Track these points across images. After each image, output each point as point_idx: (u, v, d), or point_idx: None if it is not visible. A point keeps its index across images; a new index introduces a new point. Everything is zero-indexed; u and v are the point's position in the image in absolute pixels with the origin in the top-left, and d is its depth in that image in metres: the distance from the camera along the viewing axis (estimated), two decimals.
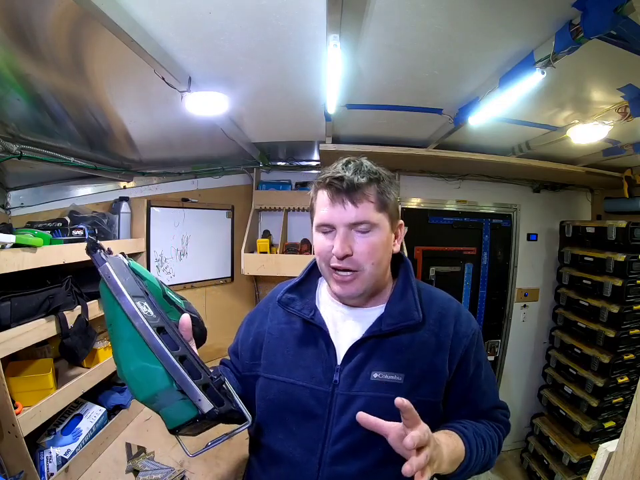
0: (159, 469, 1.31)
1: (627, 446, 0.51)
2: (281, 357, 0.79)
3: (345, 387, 0.72)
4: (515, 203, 2.64)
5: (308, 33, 0.95)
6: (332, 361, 0.74)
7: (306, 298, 0.82)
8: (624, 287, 2.04)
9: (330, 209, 0.70)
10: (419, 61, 1.11)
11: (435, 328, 0.76)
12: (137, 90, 1.29)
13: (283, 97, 1.41)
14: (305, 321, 0.79)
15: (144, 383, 0.56)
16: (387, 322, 0.74)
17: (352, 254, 0.69)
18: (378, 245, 0.71)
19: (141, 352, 0.56)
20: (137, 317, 0.57)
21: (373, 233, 0.70)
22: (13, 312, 1.05)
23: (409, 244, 2.16)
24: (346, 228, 0.69)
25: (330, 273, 0.74)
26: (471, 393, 0.78)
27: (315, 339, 0.77)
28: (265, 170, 2.45)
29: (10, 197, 1.59)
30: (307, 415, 0.74)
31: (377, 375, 0.72)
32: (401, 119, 1.63)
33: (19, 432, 1.02)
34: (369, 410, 0.67)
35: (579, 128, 1.50)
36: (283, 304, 0.81)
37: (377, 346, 0.74)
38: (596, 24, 0.80)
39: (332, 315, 0.79)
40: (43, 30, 0.89)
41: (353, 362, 0.73)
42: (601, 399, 2.11)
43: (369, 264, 0.70)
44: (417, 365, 0.73)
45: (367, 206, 0.69)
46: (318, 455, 0.72)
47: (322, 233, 0.73)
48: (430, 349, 0.74)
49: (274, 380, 0.78)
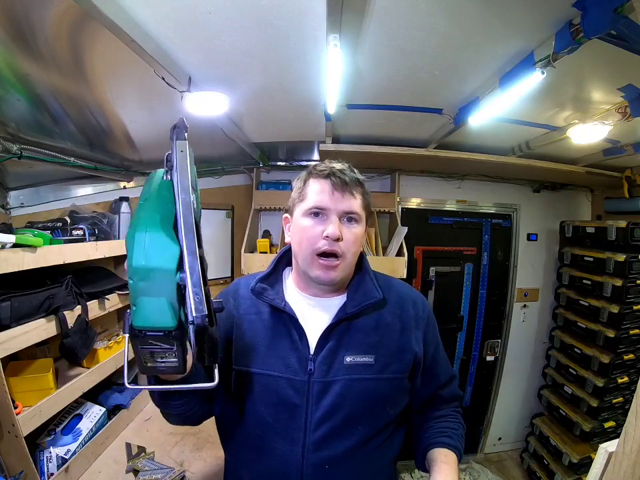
0: (159, 469, 1.31)
1: (627, 446, 0.51)
2: (253, 348, 0.79)
3: (320, 374, 0.75)
4: (515, 202, 2.64)
5: (308, 33, 0.95)
6: (305, 350, 0.77)
7: (275, 288, 0.84)
8: (624, 287, 2.03)
9: (328, 195, 0.76)
10: (419, 61, 1.11)
11: (396, 310, 0.83)
12: (137, 90, 1.29)
13: (283, 96, 1.41)
14: (275, 311, 0.81)
15: (150, 251, 0.48)
16: (351, 305, 0.79)
17: (342, 239, 0.75)
18: (359, 236, 0.79)
19: (165, 226, 0.50)
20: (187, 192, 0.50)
21: (357, 225, 0.78)
22: (13, 312, 1.05)
23: (409, 244, 2.16)
24: (337, 215, 0.76)
25: (313, 259, 0.76)
26: (436, 368, 0.87)
27: (286, 328, 0.79)
28: (265, 170, 2.45)
29: (10, 196, 1.59)
30: (284, 406, 0.75)
31: (349, 359, 0.76)
32: (401, 118, 1.63)
33: (19, 432, 1.02)
34: (346, 392, 0.74)
35: (579, 128, 1.50)
36: (257, 293, 0.82)
37: (345, 331, 0.78)
38: (596, 24, 0.80)
39: (299, 305, 0.82)
40: (43, 30, 0.89)
41: (325, 349, 0.77)
42: (601, 399, 2.11)
43: (350, 252, 0.77)
44: (384, 346, 0.79)
45: (358, 200, 0.78)
46: (300, 444, 0.74)
47: (311, 217, 0.77)
48: (395, 330, 0.81)
49: (247, 372, 0.78)
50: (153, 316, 0.47)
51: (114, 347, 1.55)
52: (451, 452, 0.79)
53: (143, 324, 0.47)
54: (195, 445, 1.50)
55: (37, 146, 1.36)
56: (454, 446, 0.80)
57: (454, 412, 0.90)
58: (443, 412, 0.89)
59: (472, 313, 2.65)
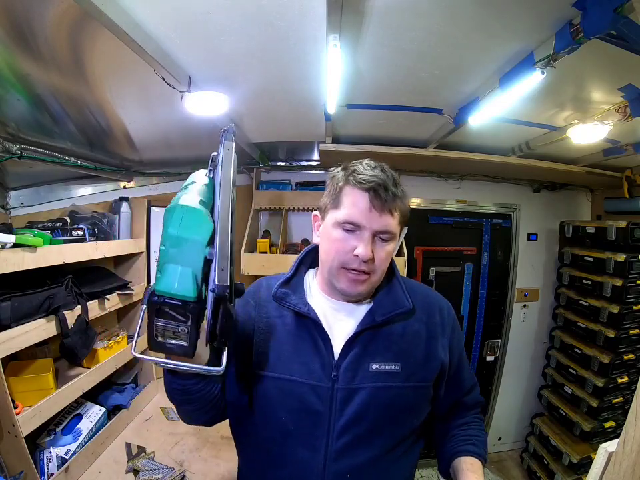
0: (159, 469, 1.31)
1: (627, 446, 0.51)
2: (275, 352, 0.76)
3: (345, 380, 0.73)
4: (515, 202, 2.64)
5: (308, 33, 0.95)
6: (329, 356, 0.74)
7: (298, 293, 0.81)
8: (624, 287, 2.03)
9: (364, 211, 0.71)
10: (419, 61, 1.11)
11: (423, 317, 0.81)
12: (137, 90, 1.29)
13: (283, 97, 1.41)
14: (297, 316, 0.78)
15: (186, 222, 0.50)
16: (380, 312, 0.77)
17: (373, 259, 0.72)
18: (391, 253, 0.76)
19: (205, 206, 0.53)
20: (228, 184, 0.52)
21: (391, 242, 0.75)
22: (13, 312, 1.05)
23: (409, 244, 2.16)
24: (372, 233, 0.71)
25: (339, 271, 0.74)
26: (460, 375, 0.86)
27: (310, 333, 0.76)
28: (264, 170, 2.44)
29: (10, 196, 1.59)
30: (306, 412, 0.73)
31: (375, 366, 0.74)
32: (401, 118, 1.63)
33: (19, 432, 1.02)
34: (372, 400, 0.72)
35: (579, 128, 1.50)
36: (278, 298, 0.79)
37: (372, 338, 0.76)
38: (596, 24, 0.80)
39: (323, 309, 0.79)
40: (43, 30, 0.89)
41: (350, 356, 0.74)
42: (601, 399, 2.11)
43: (381, 270, 0.75)
44: (411, 354, 0.77)
45: (395, 217, 0.74)
46: (322, 452, 0.71)
47: (344, 230, 0.73)
48: (422, 337, 0.79)
49: (268, 377, 0.75)
50: (176, 283, 0.48)
51: (114, 347, 1.55)
52: (476, 460, 0.79)
53: (165, 289, 0.48)
54: (194, 444, 1.50)
55: (36, 146, 1.36)
56: (479, 454, 0.80)
57: (476, 419, 0.90)
58: (466, 419, 0.88)
59: (472, 313, 2.64)
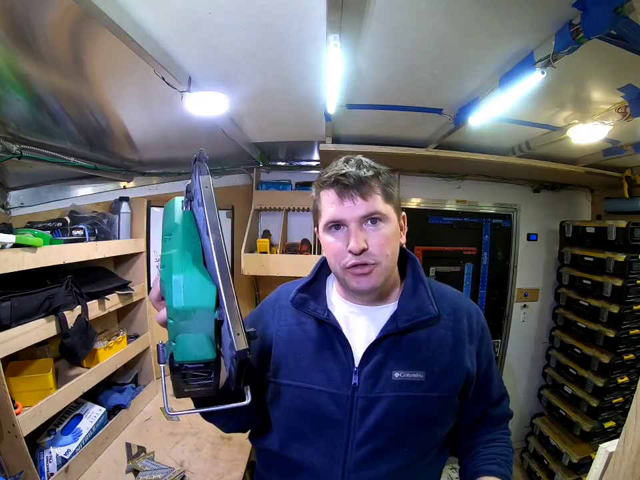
0: (159, 469, 1.31)
1: (627, 446, 0.51)
2: (294, 360, 0.75)
3: (365, 389, 0.70)
4: (515, 202, 2.63)
5: (308, 33, 0.95)
6: (349, 362, 0.72)
7: (318, 298, 0.79)
8: (624, 287, 2.03)
9: (339, 205, 0.69)
10: (419, 61, 1.11)
11: (449, 323, 0.76)
12: (136, 90, 1.29)
13: (283, 97, 1.41)
14: (318, 322, 0.76)
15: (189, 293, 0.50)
16: (403, 318, 0.72)
17: (368, 248, 0.68)
18: (389, 236, 0.70)
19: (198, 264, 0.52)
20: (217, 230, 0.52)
21: (384, 224, 0.70)
22: (13, 312, 1.05)
23: (409, 244, 2.16)
24: (357, 223, 0.68)
25: (344, 273, 0.71)
26: (488, 385, 0.81)
27: (329, 340, 0.74)
28: (265, 170, 2.45)
29: (10, 197, 1.59)
30: (326, 421, 0.71)
31: (398, 375, 0.70)
32: (401, 118, 1.63)
33: (19, 432, 1.02)
34: (393, 410, 0.68)
35: (579, 128, 1.50)
36: (297, 304, 0.78)
37: (394, 344, 0.72)
38: (596, 24, 0.80)
39: (343, 314, 0.77)
40: (43, 30, 0.89)
41: (371, 363, 0.71)
42: (601, 399, 2.11)
43: (384, 256, 0.69)
44: (436, 362, 0.72)
45: (376, 198, 0.69)
46: (341, 462, 0.70)
47: (331, 232, 0.71)
48: (448, 344, 0.74)
49: (287, 385, 0.74)
50: (194, 351, 0.50)
51: (114, 347, 1.55)
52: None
53: (185, 359, 0.50)
54: (195, 444, 1.50)
55: (36, 146, 1.36)
56: (502, 474, 0.74)
57: (503, 434, 0.84)
58: (492, 435, 0.82)
59: None
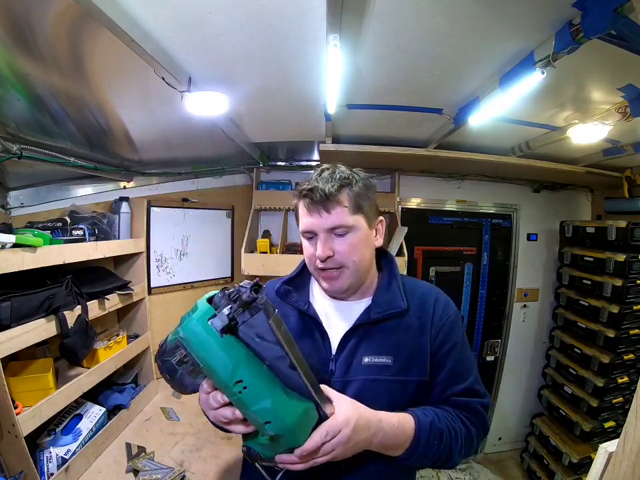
0: (159, 469, 1.31)
1: (627, 446, 0.51)
2: None
3: (340, 374, 0.77)
4: (515, 202, 2.64)
5: (308, 33, 0.95)
6: (327, 351, 0.79)
7: (300, 291, 0.87)
8: (624, 287, 2.03)
9: (309, 217, 0.77)
10: (419, 61, 1.11)
11: (417, 313, 0.82)
12: (136, 90, 1.29)
13: (283, 97, 1.41)
14: (300, 314, 0.83)
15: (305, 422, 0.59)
16: (375, 311, 0.79)
17: (333, 255, 0.75)
18: (356, 243, 0.76)
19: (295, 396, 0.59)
20: (303, 365, 0.59)
21: (351, 234, 0.76)
22: (13, 312, 1.05)
23: (409, 244, 2.16)
24: (325, 233, 0.75)
25: (318, 273, 0.80)
26: (442, 374, 0.79)
27: (310, 330, 0.81)
28: (264, 170, 2.45)
29: (10, 197, 1.59)
30: None
31: (367, 360, 0.77)
32: (401, 118, 1.63)
33: (19, 432, 1.02)
34: (363, 392, 0.74)
35: (579, 128, 1.50)
36: (281, 294, 0.86)
37: (366, 333, 0.79)
38: (596, 24, 0.80)
39: (323, 308, 0.84)
40: (43, 30, 0.89)
41: (345, 350, 0.78)
42: (601, 399, 2.11)
43: (351, 261, 0.76)
44: (404, 347, 0.78)
45: (341, 211, 0.75)
46: None
47: (306, 239, 0.80)
48: (415, 331, 0.80)
49: None
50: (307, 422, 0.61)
51: (114, 347, 1.55)
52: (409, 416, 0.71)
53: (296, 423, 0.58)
54: (194, 444, 1.50)
55: (36, 146, 1.36)
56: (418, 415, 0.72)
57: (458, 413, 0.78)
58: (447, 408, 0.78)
59: (472, 313, 2.64)
